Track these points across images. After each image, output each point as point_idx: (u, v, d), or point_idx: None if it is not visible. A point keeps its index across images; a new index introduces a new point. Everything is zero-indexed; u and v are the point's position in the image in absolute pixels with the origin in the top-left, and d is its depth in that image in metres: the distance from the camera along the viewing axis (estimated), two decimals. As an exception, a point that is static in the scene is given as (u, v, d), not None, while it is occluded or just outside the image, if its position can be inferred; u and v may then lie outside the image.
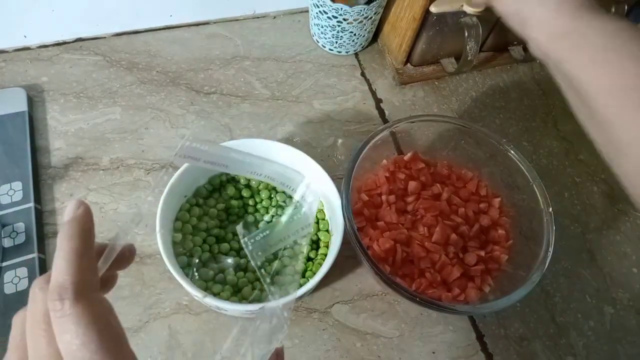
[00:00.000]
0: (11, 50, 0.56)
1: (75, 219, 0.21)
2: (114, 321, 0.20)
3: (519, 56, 0.64)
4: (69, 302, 0.18)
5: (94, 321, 0.18)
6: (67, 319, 0.18)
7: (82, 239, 0.20)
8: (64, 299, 0.18)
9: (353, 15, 0.55)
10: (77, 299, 0.18)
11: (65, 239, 0.20)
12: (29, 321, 0.19)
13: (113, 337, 0.19)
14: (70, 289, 0.18)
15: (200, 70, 0.58)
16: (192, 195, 0.46)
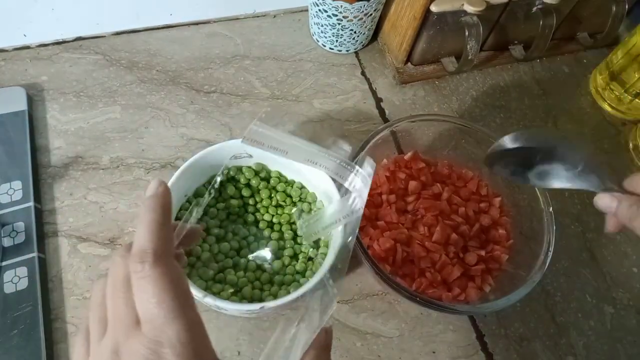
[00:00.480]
0: (11, 49, 0.56)
1: (157, 195, 0.23)
2: (185, 285, 0.22)
3: (519, 55, 0.64)
4: (149, 265, 0.21)
5: (169, 283, 0.21)
6: (146, 280, 0.20)
7: (162, 212, 0.23)
8: (145, 262, 0.21)
9: (353, 12, 0.55)
10: (156, 263, 0.21)
11: (147, 211, 0.23)
12: (110, 285, 0.22)
13: (184, 299, 0.21)
14: (150, 253, 0.21)
15: (200, 69, 0.58)
16: (192, 195, 0.46)
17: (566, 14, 0.61)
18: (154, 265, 0.21)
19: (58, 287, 0.43)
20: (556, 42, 0.66)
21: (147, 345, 0.20)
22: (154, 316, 0.20)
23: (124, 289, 0.21)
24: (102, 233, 0.46)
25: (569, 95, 0.64)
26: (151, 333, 0.20)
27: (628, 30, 0.63)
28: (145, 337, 0.20)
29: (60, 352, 0.41)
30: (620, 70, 0.60)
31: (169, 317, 0.20)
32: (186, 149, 0.52)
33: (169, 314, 0.20)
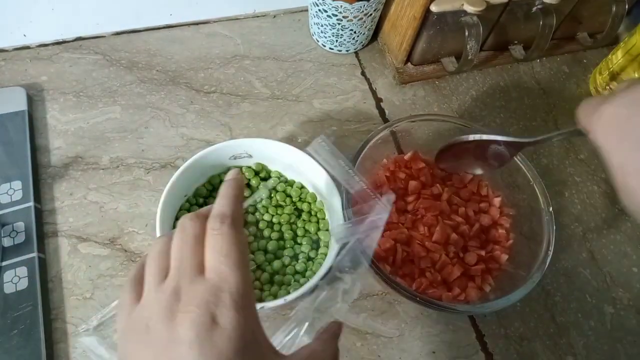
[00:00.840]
0: (11, 49, 0.56)
1: (236, 179, 0.28)
2: (247, 250, 0.26)
3: (519, 55, 0.64)
4: (227, 225, 0.25)
5: (238, 243, 0.24)
6: (221, 237, 0.24)
7: (239, 191, 0.27)
8: (224, 223, 0.25)
9: (353, 12, 0.55)
10: (231, 225, 0.25)
11: (228, 187, 0.27)
12: (179, 240, 0.25)
13: (246, 260, 0.25)
14: (229, 217, 0.25)
15: (200, 69, 0.58)
16: (192, 195, 0.46)
17: (566, 14, 0.61)
18: (230, 226, 0.25)
19: (58, 287, 0.43)
20: (556, 42, 0.66)
21: (209, 289, 0.23)
22: (220, 266, 0.23)
23: (194, 242, 0.24)
24: (102, 233, 0.46)
25: (569, 95, 0.64)
26: (214, 280, 0.23)
27: (628, 30, 0.63)
28: (209, 283, 0.23)
29: (60, 352, 0.41)
30: (620, 70, 0.60)
31: (233, 269, 0.23)
32: (186, 149, 0.52)
33: (233, 266, 0.23)
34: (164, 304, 0.23)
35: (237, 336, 0.22)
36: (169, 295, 0.23)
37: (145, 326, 0.23)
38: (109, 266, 0.45)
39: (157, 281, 0.24)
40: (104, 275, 0.44)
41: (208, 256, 0.24)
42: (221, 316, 0.22)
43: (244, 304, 0.23)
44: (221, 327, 0.22)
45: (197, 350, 0.21)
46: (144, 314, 0.24)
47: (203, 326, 0.22)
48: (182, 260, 0.24)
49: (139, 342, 0.23)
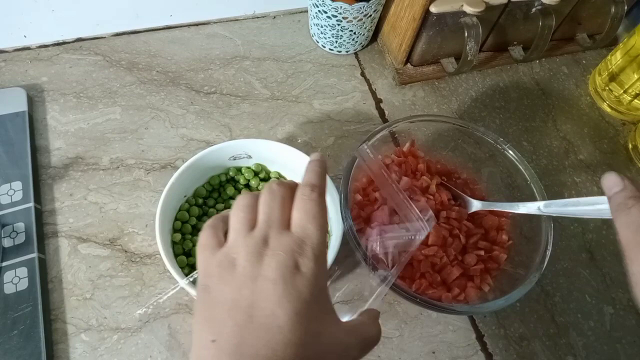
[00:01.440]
0: (11, 50, 0.56)
1: (321, 160, 0.31)
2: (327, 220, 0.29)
3: (518, 56, 0.64)
4: (316, 194, 0.28)
5: (324, 211, 0.28)
6: (311, 202, 0.28)
7: (324, 169, 0.31)
8: (313, 191, 0.28)
9: (352, 13, 0.55)
10: (320, 194, 0.28)
11: (317, 166, 0.30)
12: (268, 198, 0.28)
13: (327, 227, 0.28)
14: (318, 187, 0.29)
15: (200, 70, 0.58)
16: (192, 195, 0.46)
17: (565, 14, 0.62)
18: (319, 195, 0.28)
19: (58, 288, 0.43)
20: (555, 43, 0.66)
21: (295, 240, 0.26)
22: (307, 225, 0.27)
23: (282, 202, 0.28)
24: (102, 234, 0.46)
25: (568, 96, 0.64)
26: (300, 234, 0.27)
27: (627, 31, 0.63)
28: (295, 235, 0.27)
29: (60, 352, 0.41)
30: (619, 71, 0.60)
31: (317, 229, 0.27)
32: (186, 150, 0.52)
33: (317, 227, 0.27)
34: (253, 247, 0.26)
35: (314, 284, 0.25)
36: (258, 240, 0.26)
37: (231, 263, 0.26)
38: (109, 267, 0.45)
39: (246, 229, 0.27)
40: (104, 276, 0.44)
41: (296, 215, 0.28)
42: (303, 265, 0.26)
43: (322, 261, 0.27)
44: (302, 273, 0.25)
45: (282, 287, 0.25)
46: (231, 253, 0.27)
47: (287, 269, 0.25)
48: (270, 214, 0.28)
49: (223, 275, 0.26)
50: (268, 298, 0.24)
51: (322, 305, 0.26)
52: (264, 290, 0.25)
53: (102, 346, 0.41)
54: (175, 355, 0.42)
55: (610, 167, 0.58)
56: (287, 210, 0.28)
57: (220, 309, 0.25)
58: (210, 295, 0.26)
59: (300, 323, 0.24)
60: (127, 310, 0.43)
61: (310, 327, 0.25)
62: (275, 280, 0.25)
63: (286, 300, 0.24)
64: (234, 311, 0.25)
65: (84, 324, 0.42)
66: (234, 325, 0.24)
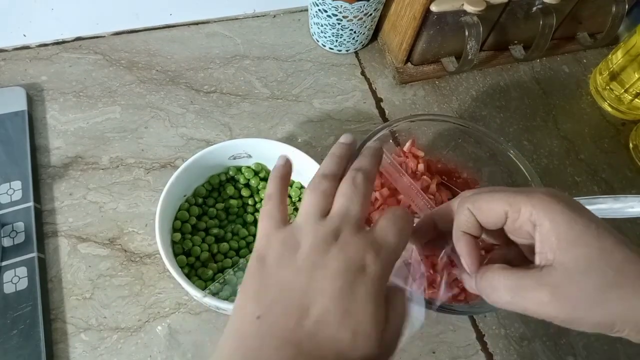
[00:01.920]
0: (11, 49, 0.56)
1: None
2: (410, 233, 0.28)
3: (519, 55, 0.64)
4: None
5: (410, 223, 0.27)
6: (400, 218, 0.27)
7: None
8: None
9: (353, 12, 0.55)
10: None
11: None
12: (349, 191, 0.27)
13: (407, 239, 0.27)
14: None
15: (200, 69, 0.58)
16: (192, 194, 0.46)
17: (566, 13, 0.61)
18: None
19: (58, 287, 0.43)
20: (556, 42, 0.66)
21: (372, 240, 0.25)
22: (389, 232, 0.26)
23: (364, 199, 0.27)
24: (101, 233, 0.46)
25: (569, 95, 0.64)
26: (379, 237, 0.26)
27: (628, 30, 0.63)
28: (372, 237, 0.26)
29: (60, 352, 0.41)
30: (620, 70, 0.60)
31: (398, 237, 0.26)
32: (186, 149, 0.52)
33: (399, 237, 0.26)
34: (322, 236, 0.25)
35: (374, 290, 0.24)
36: (329, 231, 0.25)
37: (295, 244, 0.25)
38: (108, 266, 0.45)
39: (318, 215, 0.26)
40: (104, 275, 0.44)
41: (383, 223, 0.27)
42: (370, 268, 0.25)
43: (390, 270, 0.26)
44: (367, 275, 0.24)
45: (340, 282, 0.24)
46: (297, 234, 0.26)
47: (354, 266, 0.24)
48: (348, 209, 0.26)
49: (283, 254, 0.25)
50: (324, 292, 0.24)
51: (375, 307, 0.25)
52: (321, 282, 0.24)
53: (102, 346, 0.41)
54: (175, 355, 0.42)
55: (611, 167, 0.58)
56: (366, 208, 0.27)
57: (272, 287, 0.24)
58: (266, 269, 0.25)
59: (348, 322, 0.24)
60: (127, 310, 0.43)
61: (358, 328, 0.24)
62: (335, 274, 0.24)
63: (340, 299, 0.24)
64: (286, 293, 0.24)
65: (83, 324, 0.42)
66: (283, 308, 0.24)
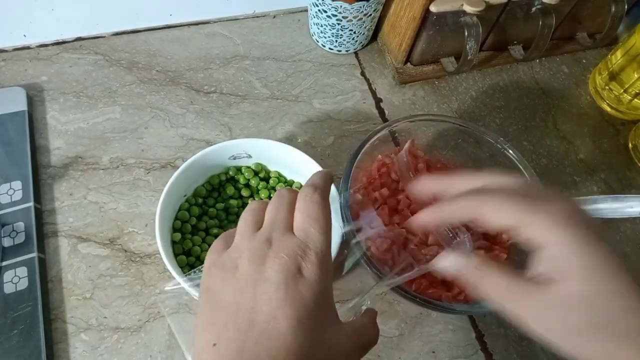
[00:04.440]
0: (11, 50, 0.56)
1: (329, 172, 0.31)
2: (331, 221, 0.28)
3: (518, 55, 0.64)
4: (318, 194, 0.28)
5: (326, 212, 0.28)
6: (312, 203, 0.27)
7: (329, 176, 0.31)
8: (315, 191, 0.28)
9: (352, 12, 0.55)
10: (322, 195, 0.28)
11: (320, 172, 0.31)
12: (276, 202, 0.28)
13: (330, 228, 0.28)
14: (321, 188, 0.28)
15: (200, 69, 0.58)
16: (192, 194, 0.46)
17: (565, 14, 0.61)
18: (320, 196, 0.28)
19: (58, 287, 0.43)
20: (555, 42, 0.66)
21: (298, 243, 0.26)
22: (310, 228, 0.26)
23: (289, 207, 0.28)
24: (102, 233, 0.46)
25: (568, 95, 0.64)
26: (303, 237, 0.26)
27: (627, 30, 0.63)
28: (298, 239, 0.26)
29: (60, 352, 0.41)
30: (619, 70, 0.60)
31: (320, 232, 0.26)
32: (186, 149, 0.52)
33: (321, 230, 0.27)
34: (256, 249, 0.26)
35: (317, 289, 0.25)
36: (261, 242, 0.26)
37: (234, 265, 0.26)
38: (108, 266, 0.45)
39: (251, 231, 0.27)
40: (104, 275, 0.44)
41: (299, 218, 0.27)
42: (306, 269, 0.25)
43: (325, 264, 0.26)
44: (305, 277, 0.25)
45: (284, 292, 0.24)
46: (233, 255, 0.27)
47: (290, 273, 0.25)
48: (277, 217, 0.27)
49: (225, 278, 0.26)
50: (270, 302, 0.24)
51: (325, 310, 0.26)
52: (265, 294, 0.24)
53: (102, 346, 0.41)
54: (175, 354, 0.42)
55: (610, 167, 0.58)
56: (292, 215, 0.28)
57: (221, 312, 0.25)
58: (212, 297, 0.26)
59: (302, 330, 0.24)
60: (127, 310, 0.43)
61: (313, 333, 0.24)
62: (277, 284, 0.24)
63: (288, 306, 0.24)
64: (235, 315, 0.24)
65: (83, 324, 0.42)
66: (235, 329, 0.24)
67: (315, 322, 0.25)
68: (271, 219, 0.28)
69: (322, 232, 0.27)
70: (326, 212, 0.28)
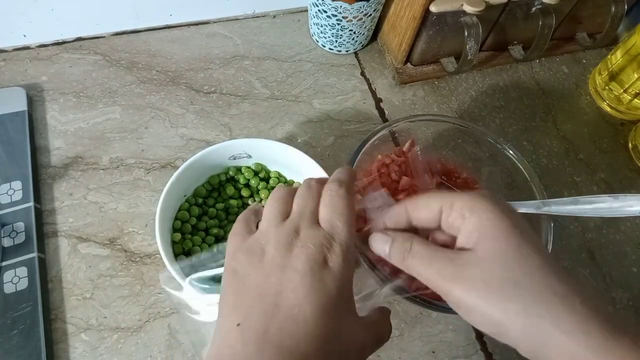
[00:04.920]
0: (11, 50, 0.56)
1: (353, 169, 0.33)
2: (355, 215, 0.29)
3: (518, 55, 0.64)
4: (343, 190, 0.29)
5: (351, 206, 0.29)
6: (338, 197, 0.28)
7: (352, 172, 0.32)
8: (341, 187, 0.29)
9: (352, 12, 0.55)
10: (347, 190, 0.29)
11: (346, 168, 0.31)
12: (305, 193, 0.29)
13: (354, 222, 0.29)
14: (346, 183, 0.29)
15: (200, 69, 0.58)
16: (192, 194, 0.46)
17: (565, 14, 0.62)
18: (346, 191, 0.29)
19: (58, 287, 0.43)
20: (555, 42, 0.66)
21: (324, 235, 0.27)
22: (335, 221, 0.27)
23: (316, 198, 0.29)
24: (102, 233, 0.46)
25: (568, 95, 0.64)
26: (328, 229, 0.27)
27: (627, 31, 0.63)
28: (324, 230, 0.27)
29: (60, 352, 0.41)
30: (619, 71, 0.60)
31: (344, 225, 0.27)
32: (186, 149, 0.52)
33: (345, 223, 0.27)
34: (284, 237, 0.27)
35: (341, 280, 0.26)
36: (289, 231, 0.27)
37: (260, 250, 0.27)
38: (108, 266, 0.45)
39: (278, 220, 0.28)
40: (104, 275, 0.44)
41: (324, 211, 0.28)
42: (331, 260, 0.26)
43: (349, 257, 0.27)
44: (330, 268, 0.26)
45: (310, 280, 0.25)
46: (261, 240, 0.28)
47: (316, 263, 0.26)
48: (305, 209, 0.28)
49: (252, 262, 0.27)
50: (295, 290, 0.25)
51: (346, 301, 0.27)
52: (291, 281, 0.25)
53: (102, 346, 0.41)
54: (176, 354, 0.42)
55: (610, 167, 0.58)
56: (318, 207, 0.29)
57: (247, 295, 0.26)
58: (238, 280, 0.27)
59: (325, 318, 0.25)
60: (127, 310, 0.43)
61: (334, 322, 0.25)
62: (304, 272, 0.25)
63: (313, 294, 0.25)
64: (260, 298, 0.25)
65: (83, 324, 0.42)
66: (260, 312, 0.25)
67: (337, 312, 0.25)
68: (299, 209, 0.28)
69: (347, 226, 0.27)
70: (350, 207, 0.28)
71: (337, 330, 0.25)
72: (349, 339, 0.26)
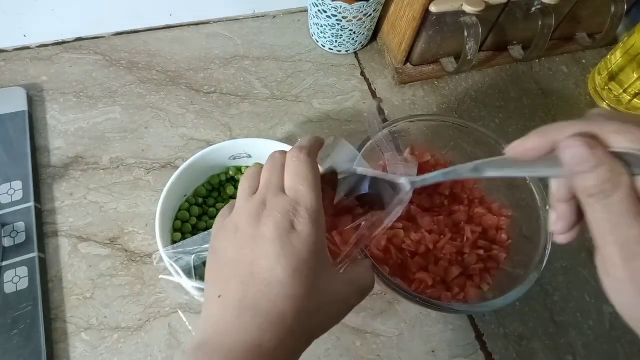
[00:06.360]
0: (11, 50, 0.56)
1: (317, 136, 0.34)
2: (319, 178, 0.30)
3: (518, 56, 0.64)
4: (304, 154, 0.30)
5: (313, 170, 0.30)
6: (299, 162, 0.29)
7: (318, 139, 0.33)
8: (302, 152, 0.30)
9: (352, 12, 0.55)
10: (308, 155, 0.30)
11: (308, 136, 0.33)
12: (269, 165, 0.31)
13: (319, 184, 0.30)
14: (307, 148, 0.31)
15: (200, 69, 0.58)
16: (192, 194, 0.46)
17: (565, 14, 0.62)
18: (307, 155, 0.30)
19: (58, 287, 0.43)
20: (555, 42, 0.66)
21: (289, 202, 0.28)
22: (298, 186, 0.29)
23: (280, 168, 0.30)
24: (102, 233, 0.46)
25: (568, 95, 0.64)
26: (293, 196, 0.28)
27: (627, 31, 0.63)
28: (289, 197, 0.28)
29: (60, 351, 0.41)
30: (618, 71, 0.60)
31: (308, 189, 0.28)
32: (186, 149, 0.52)
33: (309, 187, 0.29)
34: (252, 210, 0.28)
35: (310, 242, 0.27)
36: (257, 204, 0.29)
37: (235, 227, 0.29)
38: (109, 266, 0.45)
39: (248, 195, 0.30)
40: (104, 275, 0.44)
41: (288, 178, 0.29)
42: (298, 224, 0.27)
43: (317, 218, 0.28)
44: (298, 232, 0.27)
45: (279, 246, 0.26)
46: (234, 218, 0.29)
47: (283, 228, 0.27)
48: (270, 179, 0.30)
49: (228, 239, 0.29)
50: (267, 256, 0.26)
51: (320, 260, 0.28)
52: (262, 249, 0.27)
53: (103, 345, 0.41)
54: (176, 354, 0.42)
55: (610, 167, 0.58)
56: (284, 176, 0.30)
57: (225, 268, 0.28)
58: (217, 256, 0.29)
59: (298, 277, 0.26)
60: (127, 310, 0.43)
61: (309, 281, 0.27)
62: (272, 239, 0.27)
63: (284, 257, 0.26)
64: (236, 269, 0.27)
65: (84, 323, 0.42)
66: (238, 281, 0.27)
67: (311, 271, 0.27)
68: (265, 182, 0.30)
69: (311, 189, 0.29)
70: (313, 170, 0.30)
71: (312, 288, 0.27)
72: (328, 294, 0.28)
